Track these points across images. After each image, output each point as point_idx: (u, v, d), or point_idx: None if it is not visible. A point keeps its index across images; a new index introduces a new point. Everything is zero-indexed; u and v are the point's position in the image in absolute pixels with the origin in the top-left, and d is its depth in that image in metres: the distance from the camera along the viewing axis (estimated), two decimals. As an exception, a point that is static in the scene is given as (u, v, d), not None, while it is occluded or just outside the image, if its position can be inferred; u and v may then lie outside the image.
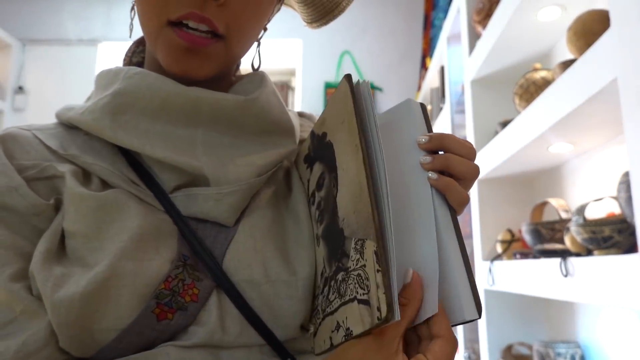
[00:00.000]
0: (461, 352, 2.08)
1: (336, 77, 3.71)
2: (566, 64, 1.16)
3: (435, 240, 0.40)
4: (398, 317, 0.35)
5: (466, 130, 1.93)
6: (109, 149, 0.51)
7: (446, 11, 2.63)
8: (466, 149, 0.44)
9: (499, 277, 1.52)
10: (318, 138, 0.48)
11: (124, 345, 0.41)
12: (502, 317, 1.73)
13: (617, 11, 0.85)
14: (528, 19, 1.43)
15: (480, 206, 1.77)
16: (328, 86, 3.65)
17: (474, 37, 1.85)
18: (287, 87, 3.82)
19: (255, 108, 0.52)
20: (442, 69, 2.59)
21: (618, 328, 1.30)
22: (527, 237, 1.33)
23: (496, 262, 1.55)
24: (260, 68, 0.59)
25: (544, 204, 1.44)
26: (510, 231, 1.57)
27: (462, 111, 2.16)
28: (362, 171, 0.39)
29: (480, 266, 1.74)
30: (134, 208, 0.46)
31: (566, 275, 1.04)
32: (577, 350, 1.42)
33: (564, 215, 1.32)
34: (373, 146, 0.40)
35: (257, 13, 0.50)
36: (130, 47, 0.60)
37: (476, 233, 1.78)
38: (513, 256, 1.49)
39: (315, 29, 0.65)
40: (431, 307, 0.39)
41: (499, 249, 1.57)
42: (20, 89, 3.78)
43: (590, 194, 1.40)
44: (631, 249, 0.95)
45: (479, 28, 1.76)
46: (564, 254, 1.09)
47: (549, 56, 1.65)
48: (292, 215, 0.52)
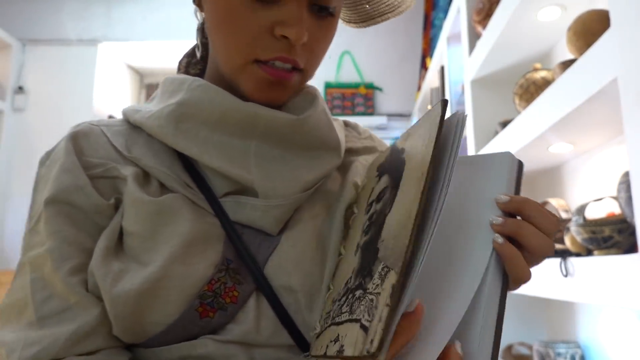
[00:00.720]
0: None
1: (336, 77, 3.71)
2: (566, 64, 1.16)
3: (467, 304, 0.38)
4: (382, 357, 0.34)
5: (466, 130, 1.94)
6: (168, 152, 0.55)
7: (446, 11, 2.63)
8: (547, 222, 0.42)
9: (499, 277, 1.52)
10: (396, 151, 0.49)
11: (170, 336, 0.47)
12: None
13: (617, 11, 0.85)
14: (528, 19, 1.42)
15: (480, 206, 1.77)
16: (328, 86, 3.65)
17: (474, 37, 1.85)
18: (287, 87, 3.82)
19: (306, 127, 0.56)
20: (442, 69, 2.59)
21: (618, 328, 1.30)
22: (527, 237, 1.33)
23: (496, 262, 1.54)
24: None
25: (544, 204, 1.44)
26: (510, 231, 1.57)
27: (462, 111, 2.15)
28: (417, 202, 0.38)
29: (480, 266, 1.74)
30: (186, 214, 0.50)
31: (566, 275, 1.04)
32: (577, 350, 1.42)
33: (564, 215, 1.32)
34: (441, 182, 0.39)
35: (328, 43, 0.56)
36: (182, 59, 0.64)
37: (476, 233, 1.78)
38: (513, 256, 1.48)
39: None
40: (427, 357, 0.37)
41: (499, 249, 1.57)
42: (20, 89, 3.78)
43: (590, 194, 1.40)
44: (631, 249, 0.95)
45: (479, 28, 1.76)
46: (564, 254, 1.09)
47: (549, 56, 1.64)
48: (331, 227, 0.55)
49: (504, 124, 1.53)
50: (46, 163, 0.55)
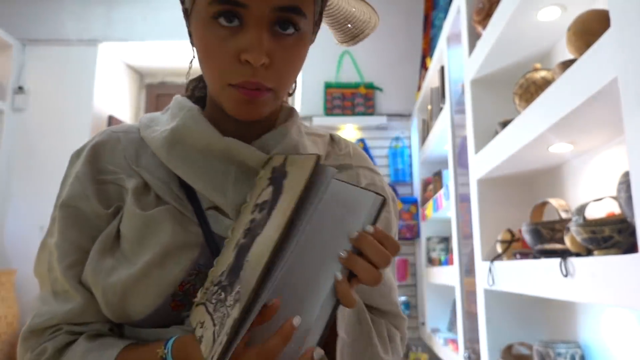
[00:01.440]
0: (461, 352, 2.08)
1: (336, 77, 3.71)
2: (566, 64, 1.16)
3: (314, 310, 0.49)
4: None
5: (466, 130, 1.93)
6: (167, 167, 0.65)
7: (446, 11, 2.63)
8: (378, 257, 0.50)
9: (499, 277, 1.52)
10: (283, 171, 0.55)
11: (149, 322, 0.60)
12: (502, 317, 1.73)
13: (617, 11, 0.85)
14: (528, 19, 1.43)
15: (480, 206, 1.77)
16: (328, 86, 3.65)
17: (474, 37, 1.85)
18: (287, 87, 3.82)
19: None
20: (442, 69, 2.59)
21: (618, 328, 1.30)
22: (527, 237, 1.33)
23: (496, 262, 1.54)
24: (294, 94, 0.71)
25: (544, 204, 1.44)
26: (510, 231, 1.57)
27: (462, 111, 2.16)
28: (272, 244, 0.46)
29: (480, 266, 1.74)
30: (169, 226, 0.61)
31: (566, 275, 1.04)
32: (577, 350, 1.42)
33: (564, 215, 1.32)
34: (297, 229, 0.47)
35: (297, 63, 0.61)
36: (191, 82, 0.74)
37: (476, 233, 1.78)
38: (513, 256, 1.49)
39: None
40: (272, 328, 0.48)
41: (499, 249, 1.57)
42: (20, 89, 3.78)
43: (590, 194, 1.40)
44: (631, 249, 0.95)
45: (479, 28, 1.76)
46: (564, 254, 1.09)
47: (549, 56, 1.64)
48: None
49: (504, 124, 1.53)
50: (73, 162, 0.67)
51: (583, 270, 0.99)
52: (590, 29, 1.05)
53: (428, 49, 3.45)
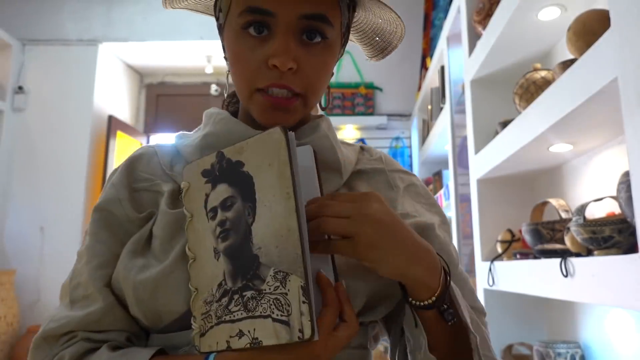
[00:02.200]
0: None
1: (336, 77, 3.71)
2: (566, 64, 1.16)
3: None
4: (317, 337, 0.46)
5: (466, 130, 1.93)
6: None
7: (446, 11, 2.63)
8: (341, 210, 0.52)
9: (499, 277, 1.52)
10: (230, 163, 0.54)
11: (181, 324, 0.58)
12: (502, 317, 1.73)
13: (617, 11, 0.85)
14: (528, 19, 1.43)
15: (480, 206, 1.77)
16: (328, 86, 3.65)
17: (474, 37, 1.85)
18: (287, 87, 3.82)
19: None
20: (442, 69, 2.59)
21: (618, 328, 1.30)
22: (527, 237, 1.33)
23: (496, 262, 1.54)
24: (327, 106, 0.73)
25: (544, 204, 1.44)
26: (510, 231, 1.57)
27: (462, 111, 2.16)
28: (294, 217, 0.47)
29: (480, 266, 1.74)
30: None
31: (566, 275, 1.04)
32: (577, 350, 1.42)
33: (564, 215, 1.32)
34: (300, 197, 0.48)
35: (325, 70, 0.63)
36: (227, 97, 0.76)
37: (476, 233, 1.78)
38: (513, 256, 1.48)
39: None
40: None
41: (499, 249, 1.57)
42: (20, 89, 3.78)
43: (590, 194, 1.40)
44: (631, 249, 0.95)
45: (479, 28, 1.76)
46: (564, 254, 1.09)
47: (549, 56, 1.64)
48: None
49: (504, 124, 1.53)
50: (112, 174, 0.70)
51: (583, 270, 0.99)
52: (590, 29, 1.05)
53: (428, 49, 3.45)
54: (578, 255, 1.08)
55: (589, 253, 1.06)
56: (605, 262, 0.92)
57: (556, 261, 1.08)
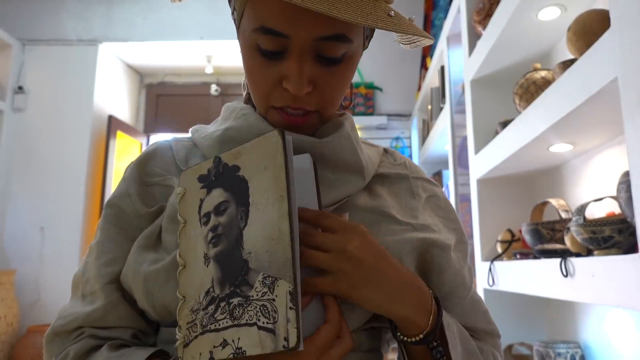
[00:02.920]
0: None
1: (336, 77, 3.70)
2: (566, 64, 1.16)
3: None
4: (302, 347, 0.43)
5: (466, 130, 1.93)
6: None
7: (446, 11, 2.63)
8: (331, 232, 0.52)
9: (499, 277, 1.52)
10: (227, 168, 0.53)
11: None
12: (502, 317, 1.73)
13: (617, 11, 0.85)
14: (528, 19, 1.42)
15: (480, 206, 1.77)
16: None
17: (474, 37, 1.85)
18: (287, 87, 3.82)
19: (326, 149, 0.61)
20: (442, 69, 2.59)
21: (618, 328, 1.30)
22: (527, 237, 1.33)
23: (496, 262, 1.54)
24: (350, 104, 0.71)
25: (544, 204, 1.44)
26: (510, 231, 1.57)
27: (462, 111, 2.16)
28: (286, 220, 0.46)
29: (480, 266, 1.74)
30: None
31: (566, 275, 1.04)
32: (577, 350, 1.42)
33: (564, 215, 1.32)
34: (294, 201, 0.47)
35: (344, 84, 0.60)
36: (247, 93, 0.73)
37: (476, 233, 1.78)
38: (513, 256, 1.49)
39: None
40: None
41: (499, 249, 1.57)
42: (20, 89, 3.78)
43: (590, 194, 1.40)
44: (631, 249, 0.95)
45: (479, 28, 1.76)
46: (564, 254, 1.09)
47: (549, 56, 1.64)
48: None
49: (504, 124, 1.53)
50: (126, 170, 0.69)
51: (583, 270, 0.99)
52: (590, 29, 1.05)
53: (428, 49, 3.45)
54: (578, 255, 1.08)
55: (589, 253, 1.06)
56: (605, 262, 0.92)
57: (556, 261, 1.08)
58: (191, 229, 0.54)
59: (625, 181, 0.89)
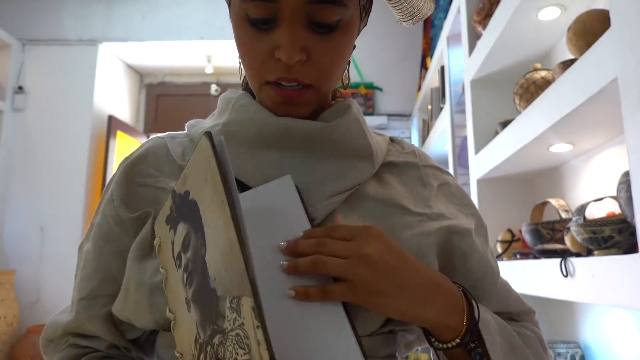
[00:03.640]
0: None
1: (336, 77, 3.71)
2: (566, 64, 1.16)
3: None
4: None
5: (466, 130, 1.93)
6: None
7: (446, 11, 2.63)
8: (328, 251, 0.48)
9: (499, 277, 1.52)
10: (180, 197, 0.49)
11: None
12: (502, 317, 1.73)
13: (617, 11, 0.85)
14: (528, 19, 1.42)
15: (480, 206, 1.77)
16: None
17: (474, 37, 1.85)
18: (287, 87, 3.82)
19: (334, 134, 0.59)
20: (442, 69, 2.59)
21: (618, 328, 1.30)
22: (527, 237, 1.33)
23: (496, 262, 1.54)
24: (348, 84, 0.68)
25: (544, 204, 1.44)
26: (510, 231, 1.57)
27: (462, 111, 2.16)
28: (231, 226, 0.40)
29: (480, 266, 1.74)
30: None
31: (566, 275, 1.04)
32: (577, 350, 1.42)
33: (564, 215, 1.32)
34: (237, 203, 0.42)
35: (340, 55, 0.57)
36: (244, 78, 0.69)
37: (476, 233, 1.78)
38: (513, 256, 1.49)
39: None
40: None
41: (499, 249, 1.57)
42: (20, 89, 3.78)
43: (590, 194, 1.40)
44: (631, 249, 0.95)
45: (479, 28, 1.76)
46: (564, 254, 1.09)
47: (549, 56, 1.65)
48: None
49: (504, 124, 1.53)
50: (119, 168, 0.65)
51: (583, 270, 0.99)
52: (590, 29, 1.05)
53: (428, 49, 3.45)
54: (578, 255, 1.08)
55: (589, 253, 1.06)
56: (605, 262, 0.92)
57: (556, 261, 1.08)
58: (172, 278, 0.50)
59: (625, 181, 0.89)
